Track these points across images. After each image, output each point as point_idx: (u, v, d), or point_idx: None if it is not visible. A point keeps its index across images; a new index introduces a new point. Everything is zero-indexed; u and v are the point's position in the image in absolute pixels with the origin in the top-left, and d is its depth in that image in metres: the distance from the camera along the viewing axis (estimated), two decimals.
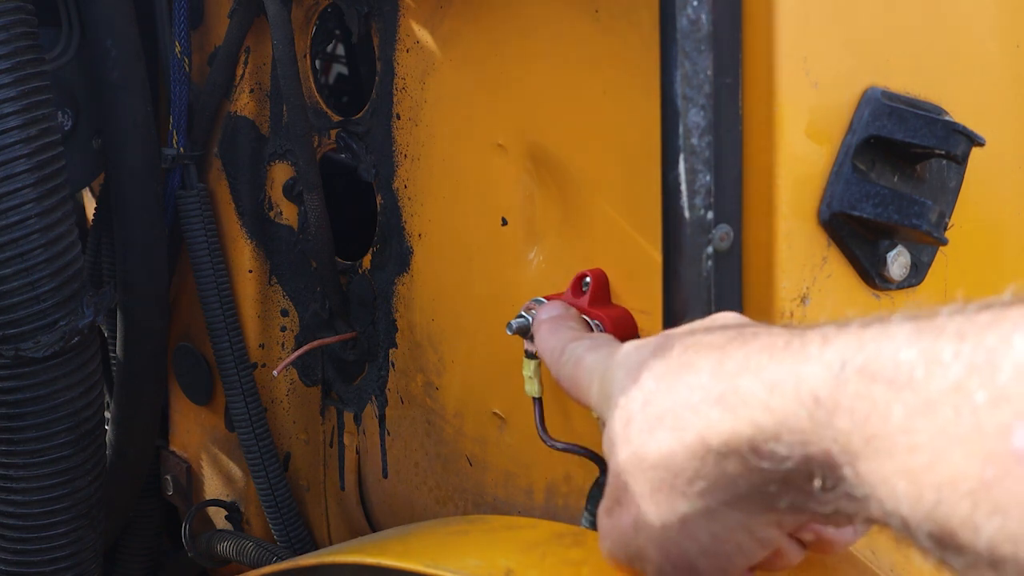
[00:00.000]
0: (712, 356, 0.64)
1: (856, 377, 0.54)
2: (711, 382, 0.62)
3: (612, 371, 0.73)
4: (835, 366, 0.55)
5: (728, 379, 0.61)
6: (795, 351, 0.58)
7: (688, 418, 0.62)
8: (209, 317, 1.28)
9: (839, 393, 0.54)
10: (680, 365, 0.65)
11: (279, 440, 1.30)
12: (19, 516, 1.15)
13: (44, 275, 1.09)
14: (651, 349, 0.70)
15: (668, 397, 0.64)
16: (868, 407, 0.52)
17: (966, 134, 0.88)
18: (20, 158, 1.07)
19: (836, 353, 0.55)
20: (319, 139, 1.21)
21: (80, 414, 1.14)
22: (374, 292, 1.18)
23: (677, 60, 0.81)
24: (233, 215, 1.28)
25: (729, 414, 0.60)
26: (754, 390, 0.59)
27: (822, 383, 0.55)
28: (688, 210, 0.83)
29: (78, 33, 1.22)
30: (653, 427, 0.64)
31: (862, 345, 0.54)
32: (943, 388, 0.50)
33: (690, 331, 0.70)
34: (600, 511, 0.72)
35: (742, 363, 0.61)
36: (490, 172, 1.04)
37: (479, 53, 1.03)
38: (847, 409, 0.54)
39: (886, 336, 0.54)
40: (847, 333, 0.56)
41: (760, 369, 0.59)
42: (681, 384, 0.64)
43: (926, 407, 0.50)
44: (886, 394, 0.52)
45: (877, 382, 0.53)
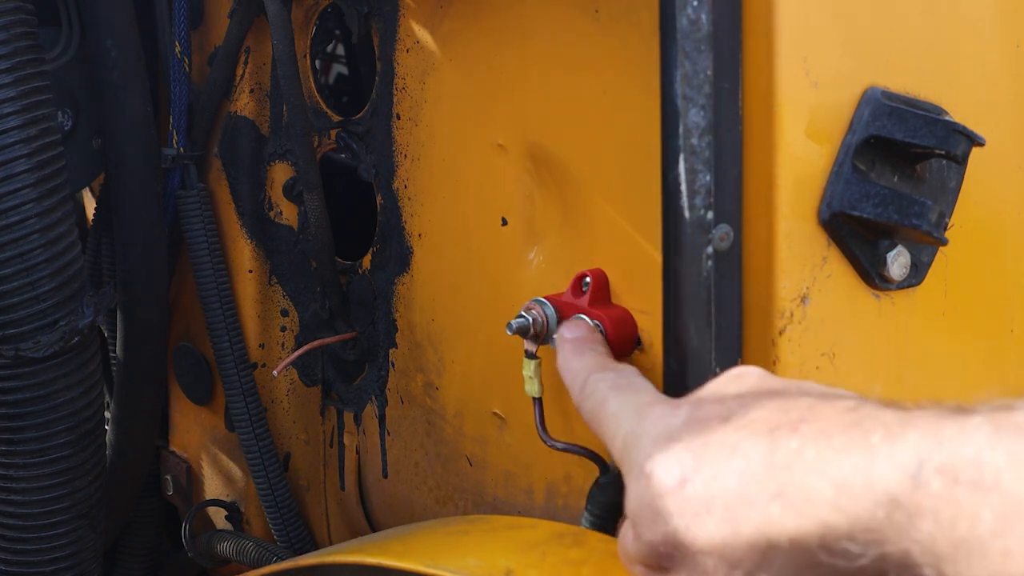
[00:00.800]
0: (760, 442, 0.62)
1: (937, 479, 0.53)
2: (764, 472, 0.61)
3: (639, 435, 0.71)
4: (911, 466, 0.54)
5: (783, 472, 0.60)
6: (856, 443, 0.57)
7: (743, 511, 0.61)
8: (209, 317, 1.28)
9: (919, 495, 0.53)
10: (722, 447, 0.64)
11: (279, 440, 1.30)
12: (19, 516, 1.15)
13: (44, 275, 1.09)
14: (683, 418, 0.69)
15: (714, 483, 0.63)
16: (954, 511, 0.52)
17: (966, 134, 0.88)
18: (20, 158, 1.07)
19: (911, 453, 0.55)
20: (319, 139, 1.21)
21: (80, 414, 1.14)
22: (374, 292, 1.18)
23: (677, 60, 0.81)
24: (233, 215, 1.28)
25: (792, 511, 0.59)
26: (819, 488, 0.58)
27: (898, 484, 0.54)
28: (688, 210, 0.83)
29: (78, 33, 1.22)
30: (698, 512, 0.63)
31: (939, 445, 0.54)
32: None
33: (720, 398, 0.68)
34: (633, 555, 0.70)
35: (796, 454, 0.60)
36: (490, 172, 1.04)
37: (479, 53, 1.03)
38: (930, 511, 0.53)
39: (964, 435, 0.53)
40: (917, 428, 0.55)
41: (821, 464, 0.58)
42: (727, 471, 0.62)
43: (1018, 512, 0.50)
44: (972, 497, 0.51)
45: (960, 485, 0.52)
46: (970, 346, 0.99)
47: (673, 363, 0.85)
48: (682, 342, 0.85)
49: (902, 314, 0.93)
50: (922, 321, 0.95)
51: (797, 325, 0.88)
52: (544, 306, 0.94)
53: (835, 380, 0.90)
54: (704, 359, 0.85)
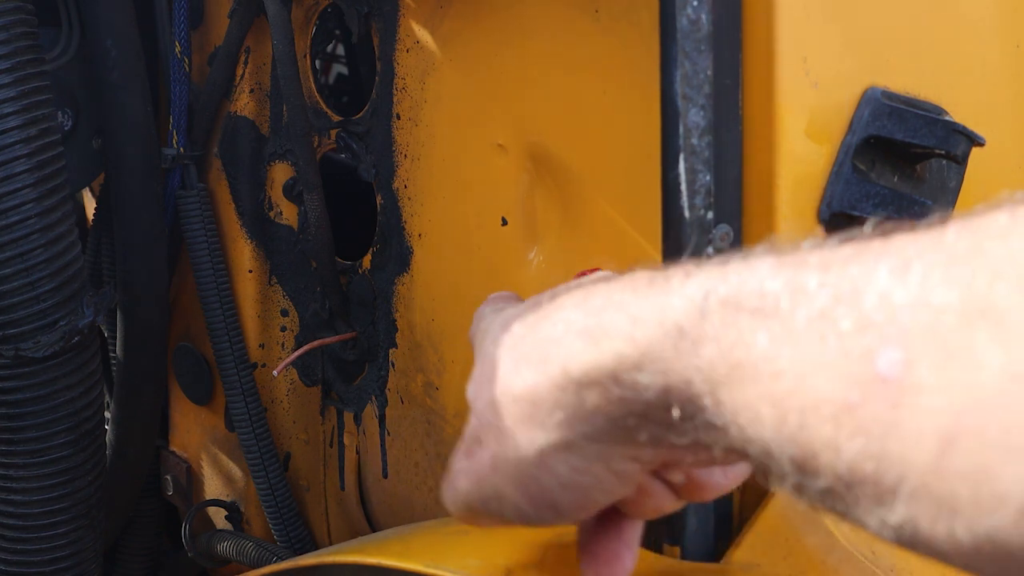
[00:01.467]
0: (577, 295, 0.65)
1: (720, 308, 0.55)
2: (576, 317, 0.63)
3: (481, 330, 0.74)
4: (698, 297, 0.56)
5: (592, 314, 0.62)
6: (658, 286, 0.59)
7: (552, 351, 0.63)
8: (209, 317, 1.28)
9: (704, 323, 0.55)
10: (548, 308, 0.67)
11: (279, 440, 1.31)
12: (19, 516, 1.15)
13: (44, 275, 1.09)
14: (526, 305, 0.72)
15: (534, 336, 0.66)
16: (733, 336, 0.53)
17: (966, 134, 0.88)
18: (20, 158, 1.07)
19: (698, 286, 0.56)
20: (319, 139, 1.21)
21: (80, 414, 1.14)
22: (374, 292, 1.18)
23: (677, 60, 0.81)
24: (233, 215, 1.28)
25: (592, 346, 0.61)
26: (617, 323, 0.60)
27: (685, 314, 0.56)
28: (688, 210, 0.83)
29: (78, 33, 1.22)
30: (519, 364, 0.65)
31: (725, 277, 0.55)
32: (809, 316, 0.50)
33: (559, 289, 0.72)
34: (455, 456, 0.73)
35: (606, 300, 0.62)
36: (490, 172, 1.04)
37: (479, 53, 1.03)
38: (712, 338, 0.54)
39: (749, 268, 0.55)
40: (709, 267, 0.58)
41: (624, 304, 0.60)
42: (547, 322, 0.65)
43: (791, 335, 0.51)
44: (751, 323, 0.53)
45: (742, 312, 0.53)
46: None
47: None
48: None
49: None
50: None
51: None
52: None
53: None
54: None
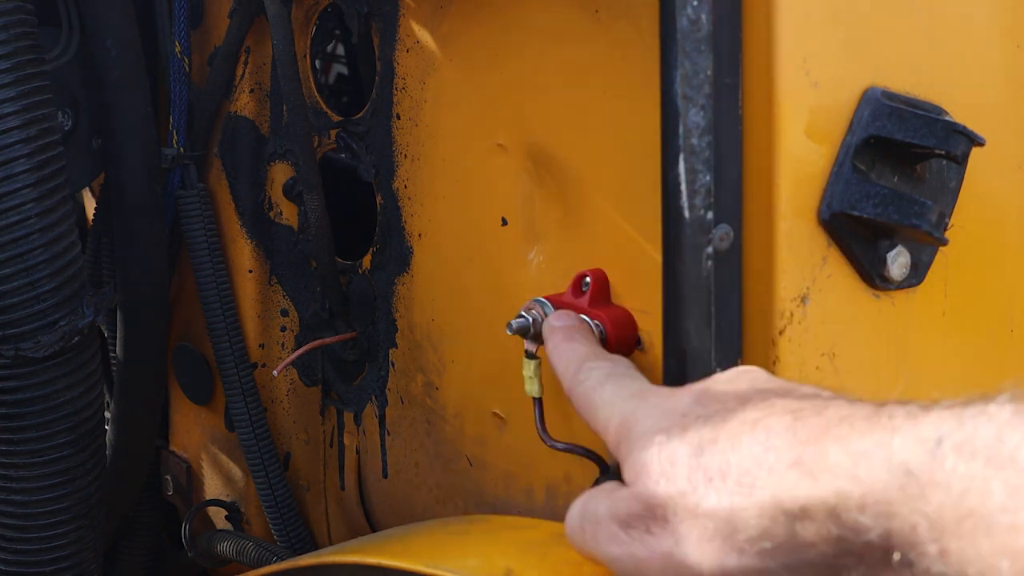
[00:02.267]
0: (784, 419, 0.63)
1: (953, 453, 0.54)
2: (786, 445, 0.61)
3: (641, 414, 0.72)
4: (931, 441, 0.55)
5: (806, 444, 0.61)
6: (880, 424, 0.58)
7: (760, 476, 0.62)
8: (209, 317, 1.28)
9: (935, 467, 0.54)
10: (742, 422, 0.65)
11: (279, 440, 1.30)
12: (19, 516, 1.15)
13: (44, 275, 1.09)
14: (692, 398, 0.70)
15: (734, 452, 0.64)
16: (965, 484, 0.53)
17: (966, 134, 0.88)
18: (20, 158, 1.07)
19: (932, 428, 0.55)
20: (319, 139, 1.21)
21: (80, 414, 1.14)
22: (374, 292, 1.18)
23: (677, 60, 0.81)
24: (233, 215, 1.28)
25: (809, 479, 0.59)
26: (839, 459, 0.58)
27: (915, 456, 0.55)
28: (688, 210, 0.83)
29: (78, 33, 1.22)
30: (712, 478, 0.64)
31: (961, 423, 0.55)
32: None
33: (733, 388, 0.70)
34: (609, 515, 0.71)
35: (821, 430, 0.61)
36: (490, 172, 1.04)
37: (479, 53, 1.03)
38: (943, 484, 0.54)
39: (986, 415, 0.54)
40: (939, 409, 0.56)
41: (843, 439, 0.59)
42: (750, 441, 0.63)
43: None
44: (985, 471, 0.52)
45: (976, 459, 0.53)
46: (970, 346, 0.99)
47: (673, 363, 0.85)
48: (682, 342, 0.85)
49: (902, 314, 0.93)
50: (922, 321, 0.95)
51: (797, 325, 0.88)
52: (544, 306, 0.94)
53: (835, 380, 0.90)
54: (704, 359, 0.85)
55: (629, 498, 0.69)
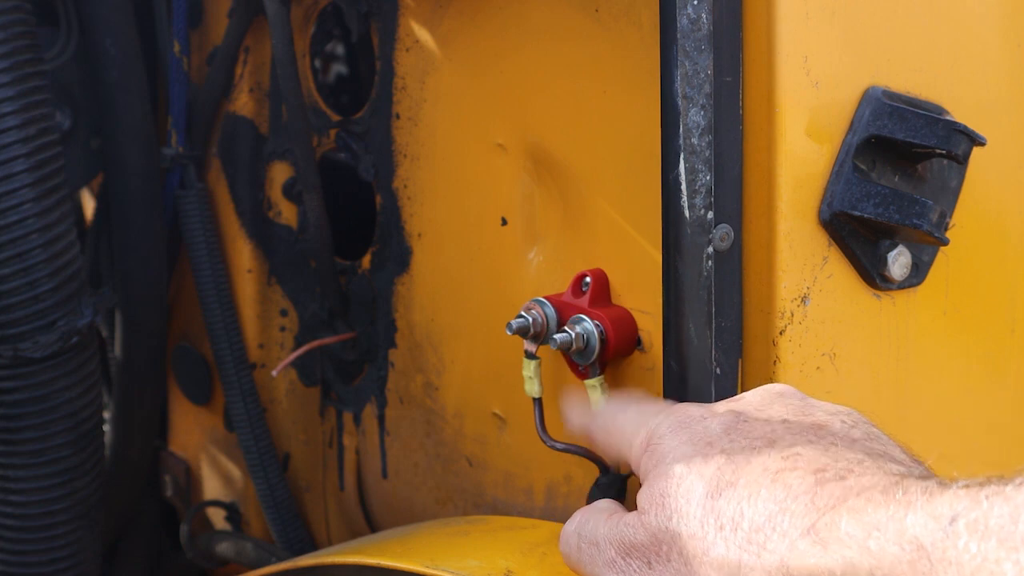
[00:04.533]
0: (806, 481, 0.63)
1: (967, 532, 0.54)
2: (803, 510, 0.61)
3: (666, 430, 0.71)
4: (945, 519, 0.55)
5: (821, 513, 0.60)
6: (897, 499, 0.58)
7: (772, 538, 0.61)
8: (208, 317, 1.27)
9: (947, 545, 0.54)
10: (765, 471, 0.64)
11: (278, 440, 1.30)
12: (18, 516, 1.15)
13: (43, 275, 1.09)
14: (723, 425, 0.69)
15: (749, 505, 0.63)
16: (977, 564, 0.53)
17: (967, 134, 0.87)
18: (18, 158, 1.07)
19: (947, 506, 0.56)
20: (318, 139, 1.21)
21: (79, 414, 1.14)
22: (374, 292, 1.17)
23: (677, 59, 0.81)
24: (232, 215, 1.28)
25: (819, 548, 0.59)
26: (851, 530, 0.58)
27: (928, 533, 0.55)
28: (688, 210, 0.83)
29: (77, 33, 1.22)
30: (724, 526, 0.64)
31: (977, 503, 0.55)
32: None
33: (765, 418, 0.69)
34: (609, 540, 0.70)
35: (839, 500, 0.60)
36: (490, 172, 1.03)
37: (479, 52, 1.03)
38: (954, 563, 0.54)
39: (1002, 496, 0.54)
40: (958, 488, 0.56)
41: (858, 510, 0.59)
42: (767, 496, 0.63)
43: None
44: (998, 552, 0.52)
45: (989, 540, 0.53)
46: (971, 346, 0.99)
47: (673, 363, 0.85)
48: (682, 342, 0.85)
49: (903, 314, 0.93)
50: (923, 321, 0.94)
51: (797, 325, 0.87)
52: (544, 306, 0.94)
53: (836, 380, 0.90)
54: (704, 359, 0.85)
55: (636, 526, 0.68)
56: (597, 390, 0.92)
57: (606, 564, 0.70)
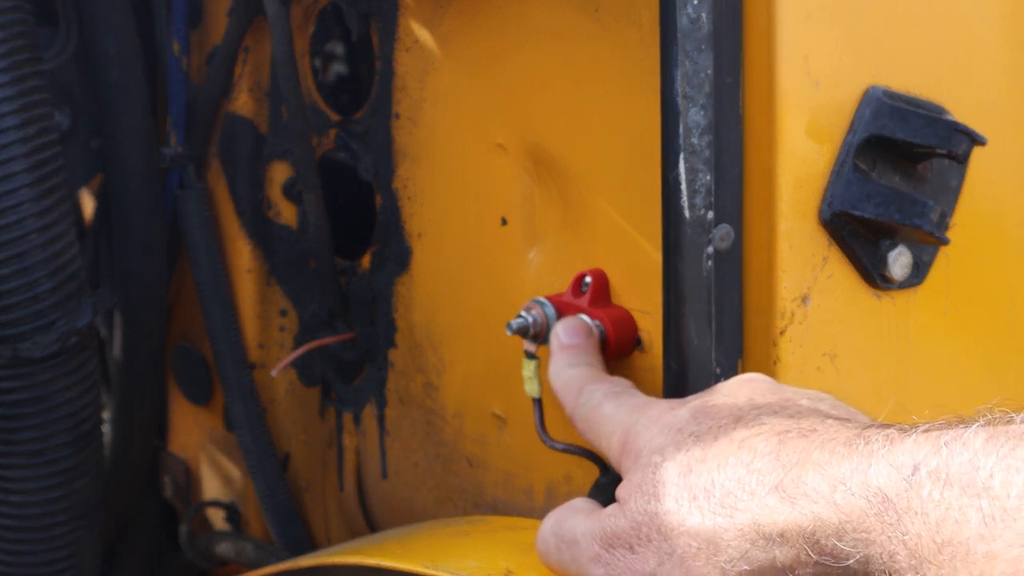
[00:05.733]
0: (770, 441, 0.64)
1: (929, 480, 0.54)
2: (768, 467, 0.62)
3: (641, 427, 0.73)
4: (907, 468, 0.55)
5: (787, 469, 0.61)
6: (859, 450, 0.59)
7: (742, 499, 0.62)
8: (208, 317, 1.27)
9: (911, 495, 0.54)
10: (731, 441, 0.65)
11: (278, 440, 1.30)
12: (17, 517, 1.15)
13: (42, 275, 1.09)
14: (690, 413, 0.70)
15: (719, 472, 0.64)
16: (942, 512, 0.53)
17: (968, 133, 0.87)
18: (18, 158, 1.06)
19: (908, 455, 0.56)
20: (318, 138, 1.21)
21: (79, 415, 1.14)
22: (373, 292, 1.17)
23: (677, 59, 0.81)
24: (232, 215, 1.28)
25: (788, 504, 0.60)
26: (816, 484, 0.59)
27: (892, 484, 0.56)
28: (688, 210, 0.83)
29: (76, 32, 1.22)
30: (697, 496, 0.65)
31: (936, 450, 0.55)
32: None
33: (732, 401, 0.70)
34: (591, 535, 0.71)
35: (802, 455, 0.61)
36: (490, 172, 1.03)
37: (479, 52, 1.03)
38: (919, 512, 0.54)
39: (960, 442, 0.54)
40: (917, 435, 0.57)
41: (823, 464, 0.59)
42: (735, 462, 0.64)
43: (1006, 514, 0.50)
44: (961, 500, 0.52)
45: (951, 487, 0.53)
46: (971, 346, 0.99)
47: (673, 363, 0.85)
48: (682, 342, 0.85)
49: (903, 314, 0.93)
50: (923, 321, 0.94)
51: (798, 325, 0.87)
52: (544, 306, 0.94)
53: (836, 380, 0.90)
54: (704, 359, 0.85)
55: (617, 516, 0.70)
56: None
57: (590, 560, 0.71)
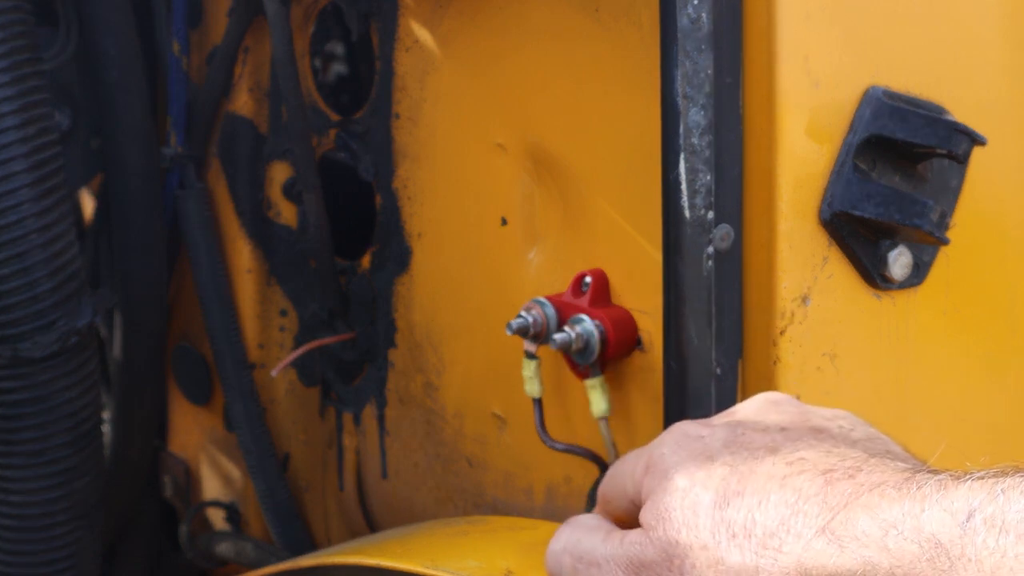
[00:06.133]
0: (815, 482, 0.62)
1: (984, 528, 0.53)
2: (815, 510, 0.61)
3: (668, 450, 0.70)
4: (961, 514, 0.55)
5: (835, 512, 0.60)
6: (911, 494, 0.58)
7: (787, 541, 0.61)
8: (208, 317, 1.27)
9: (965, 542, 0.54)
10: (770, 478, 0.64)
11: (278, 440, 1.30)
12: (17, 517, 1.14)
13: (42, 275, 1.09)
14: (722, 439, 0.68)
15: (760, 511, 0.63)
16: (997, 560, 0.52)
17: (968, 133, 0.87)
18: (18, 158, 1.06)
19: (963, 501, 0.55)
20: (318, 138, 1.21)
21: (79, 415, 1.14)
22: (373, 292, 1.17)
23: (677, 59, 0.81)
24: (232, 215, 1.28)
25: (836, 547, 0.59)
26: (867, 528, 0.58)
27: (946, 530, 0.55)
28: (688, 210, 0.83)
29: (76, 32, 1.22)
30: (736, 534, 0.63)
31: (993, 497, 0.54)
32: None
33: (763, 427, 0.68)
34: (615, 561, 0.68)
35: (850, 497, 0.60)
36: (490, 172, 1.03)
37: (479, 52, 1.03)
38: (973, 559, 0.53)
39: (1019, 489, 0.54)
40: (973, 481, 0.56)
41: (873, 507, 0.59)
42: (777, 500, 0.63)
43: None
44: (1017, 547, 0.52)
45: (1007, 534, 0.52)
46: (972, 346, 0.99)
47: (673, 363, 0.85)
48: (682, 342, 0.84)
49: (903, 314, 0.93)
50: (923, 321, 0.94)
51: (798, 325, 0.87)
52: (544, 306, 0.94)
53: (836, 380, 0.90)
54: (704, 359, 0.85)
55: (644, 543, 0.67)
56: (598, 390, 0.92)
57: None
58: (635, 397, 0.94)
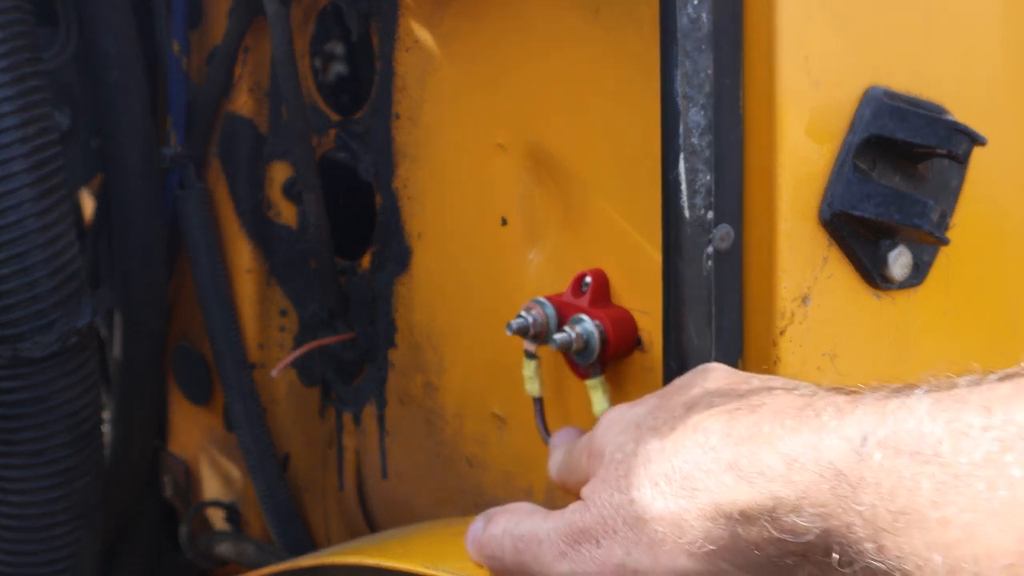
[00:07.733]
0: (720, 419, 0.64)
1: (879, 450, 0.54)
2: (722, 445, 0.63)
3: (602, 430, 0.74)
4: (856, 440, 0.55)
5: (740, 445, 0.61)
6: (809, 421, 0.59)
7: (701, 480, 0.63)
8: (208, 317, 1.27)
9: (862, 467, 0.55)
10: (686, 426, 0.66)
11: (278, 440, 1.30)
12: (17, 517, 1.15)
13: (42, 275, 1.09)
14: (646, 409, 0.71)
15: (677, 457, 0.65)
16: (894, 481, 0.53)
17: (968, 133, 0.87)
18: (17, 158, 1.06)
19: (856, 426, 0.56)
20: (318, 138, 1.21)
21: (78, 415, 1.14)
22: (373, 292, 1.17)
23: (677, 59, 0.81)
24: (232, 215, 1.28)
25: (745, 483, 0.60)
26: (770, 461, 0.59)
27: (843, 457, 0.56)
28: (688, 210, 0.83)
29: (76, 32, 1.22)
30: (658, 483, 0.65)
31: (883, 418, 0.55)
32: (973, 461, 0.51)
33: (686, 392, 0.71)
34: (555, 533, 0.71)
35: (753, 429, 0.62)
36: (490, 172, 1.03)
37: (479, 52, 1.03)
38: (872, 483, 0.54)
39: (906, 408, 0.55)
40: (864, 405, 0.57)
41: (774, 439, 0.60)
42: (691, 444, 0.64)
43: (957, 481, 0.51)
44: (911, 468, 0.53)
45: (901, 456, 0.53)
46: (972, 346, 0.99)
47: (673, 363, 0.85)
48: (682, 342, 0.85)
49: (903, 314, 0.93)
50: (923, 321, 0.94)
51: (798, 325, 0.87)
52: (544, 306, 0.94)
53: (836, 380, 0.90)
54: (704, 359, 0.85)
55: (582, 511, 0.70)
56: (598, 390, 0.92)
57: (556, 557, 0.71)
58: (635, 397, 0.93)
